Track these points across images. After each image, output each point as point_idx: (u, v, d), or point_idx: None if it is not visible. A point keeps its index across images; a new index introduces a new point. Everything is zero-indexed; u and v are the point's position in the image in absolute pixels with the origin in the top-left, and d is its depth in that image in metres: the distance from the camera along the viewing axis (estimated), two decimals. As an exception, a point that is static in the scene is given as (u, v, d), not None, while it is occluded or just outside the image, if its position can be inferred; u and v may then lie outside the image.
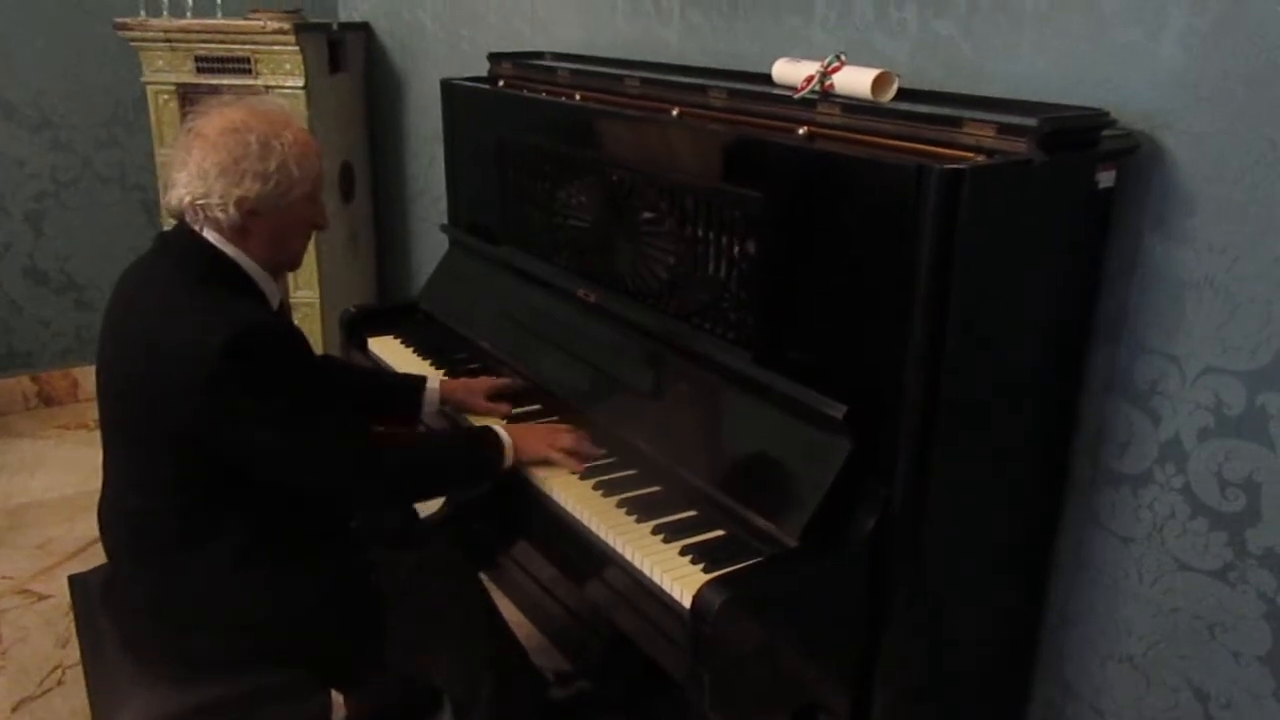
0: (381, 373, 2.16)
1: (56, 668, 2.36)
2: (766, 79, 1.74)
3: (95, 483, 1.66)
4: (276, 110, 1.63)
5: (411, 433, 1.93)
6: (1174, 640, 1.52)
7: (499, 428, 1.73)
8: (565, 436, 1.73)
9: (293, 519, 1.59)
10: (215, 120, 1.56)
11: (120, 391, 1.57)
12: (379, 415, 2.01)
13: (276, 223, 1.58)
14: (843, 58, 1.58)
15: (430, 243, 3.55)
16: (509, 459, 1.69)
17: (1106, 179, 1.41)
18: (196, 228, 1.57)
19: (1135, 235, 1.46)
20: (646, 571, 1.43)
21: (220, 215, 1.53)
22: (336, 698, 1.74)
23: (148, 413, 1.51)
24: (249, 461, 1.51)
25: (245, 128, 1.54)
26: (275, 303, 1.66)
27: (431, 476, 1.72)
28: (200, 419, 1.47)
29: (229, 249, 1.57)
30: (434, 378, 2.00)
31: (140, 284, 1.60)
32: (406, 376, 2.03)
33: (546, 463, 1.71)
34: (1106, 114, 1.41)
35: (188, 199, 1.54)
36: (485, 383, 1.99)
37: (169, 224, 3.28)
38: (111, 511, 1.64)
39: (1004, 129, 1.33)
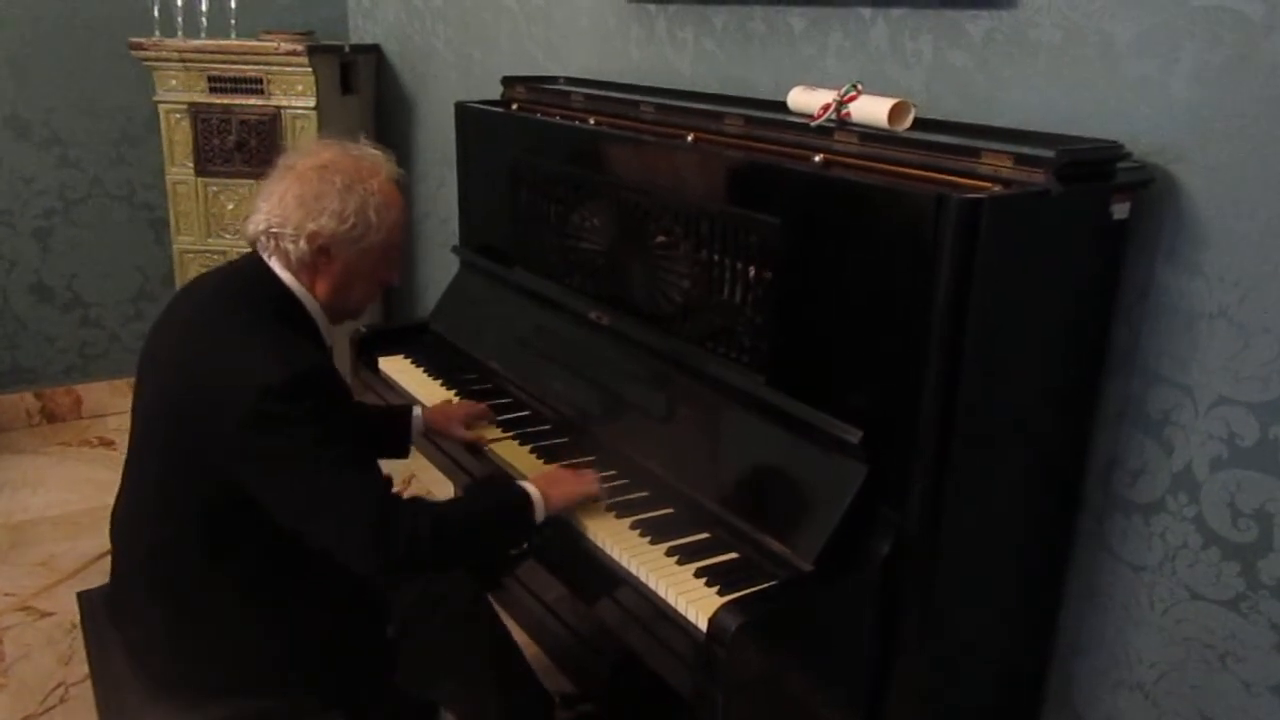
0: (371, 406, 2.12)
1: (59, 685, 2.34)
2: (782, 107, 1.76)
3: (98, 500, 1.65)
4: (371, 158, 1.62)
5: (441, 500, 1.74)
6: (1185, 670, 1.52)
7: (529, 486, 1.60)
8: (589, 475, 1.66)
9: (306, 547, 1.57)
10: (308, 158, 1.58)
11: (158, 412, 1.54)
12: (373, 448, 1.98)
13: (345, 266, 1.57)
14: (859, 86, 1.60)
15: (437, 264, 3.56)
16: (540, 516, 1.58)
17: (1121, 210, 1.43)
18: (265, 256, 1.56)
19: (1148, 266, 1.48)
20: (661, 593, 1.43)
21: (290, 246, 1.53)
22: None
23: (182, 438, 1.48)
24: (269, 507, 1.46)
25: (334, 168, 1.56)
26: (330, 343, 1.63)
27: (459, 547, 1.54)
28: (230, 454, 1.43)
29: (294, 284, 1.56)
30: (418, 406, 1.98)
31: (198, 307, 1.57)
32: (393, 407, 2.03)
33: (583, 500, 1.62)
34: (1121, 146, 1.43)
35: (263, 225, 1.54)
36: (462, 409, 1.97)
37: (178, 244, 3.34)
38: (129, 534, 1.62)
39: (1021, 160, 1.35)
